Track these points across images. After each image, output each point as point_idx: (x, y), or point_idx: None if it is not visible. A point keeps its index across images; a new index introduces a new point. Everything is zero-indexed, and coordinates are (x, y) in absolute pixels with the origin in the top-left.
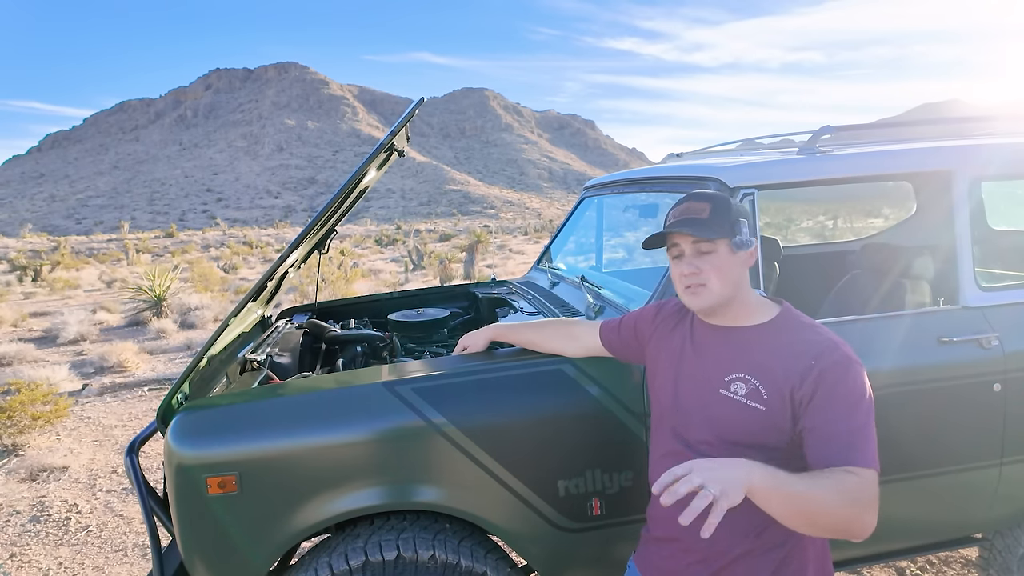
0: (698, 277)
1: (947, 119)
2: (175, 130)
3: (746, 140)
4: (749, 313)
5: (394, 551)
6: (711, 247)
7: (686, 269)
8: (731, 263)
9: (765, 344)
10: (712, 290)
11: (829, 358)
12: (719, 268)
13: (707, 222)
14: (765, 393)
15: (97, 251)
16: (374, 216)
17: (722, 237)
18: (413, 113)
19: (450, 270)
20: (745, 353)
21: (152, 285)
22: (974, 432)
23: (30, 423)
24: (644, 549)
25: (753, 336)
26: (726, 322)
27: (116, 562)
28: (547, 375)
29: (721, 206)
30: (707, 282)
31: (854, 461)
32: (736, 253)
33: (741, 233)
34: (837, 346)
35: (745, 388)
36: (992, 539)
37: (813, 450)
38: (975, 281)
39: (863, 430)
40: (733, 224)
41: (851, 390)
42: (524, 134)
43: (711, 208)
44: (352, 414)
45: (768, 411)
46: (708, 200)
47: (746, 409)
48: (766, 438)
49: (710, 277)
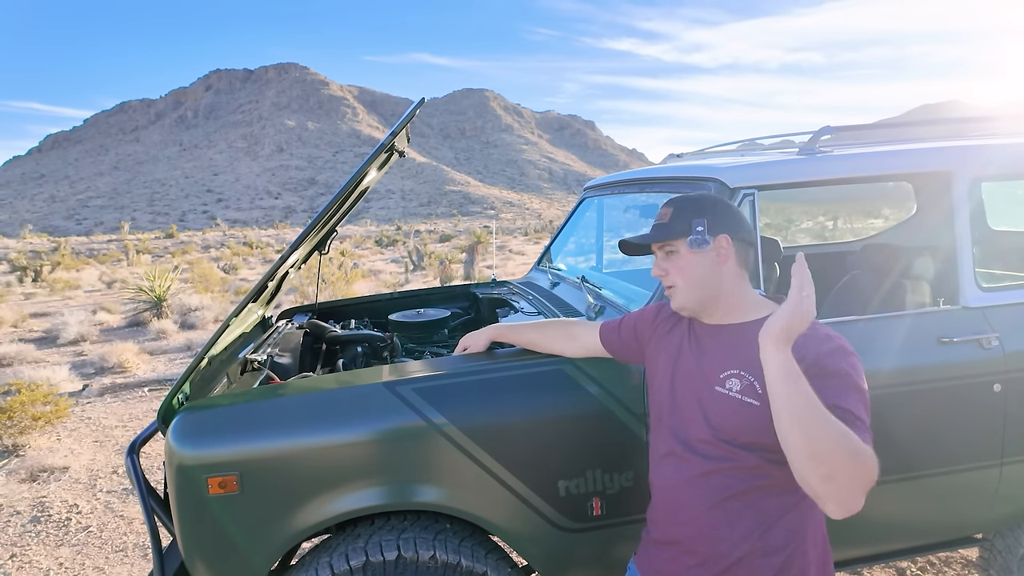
0: (667, 279)
1: (947, 119)
2: (175, 131)
3: (747, 141)
4: (743, 310)
5: (394, 551)
6: (673, 248)
7: (655, 271)
8: (693, 262)
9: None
10: (680, 289)
11: (825, 352)
12: (681, 268)
13: (666, 226)
14: (760, 388)
15: (97, 252)
16: (374, 217)
17: (677, 237)
18: (413, 114)
19: (450, 271)
20: (739, 349)
21: (152, 286)
22: (974, 432)
23: (30, 424)
24: (644, 551)
25: (748, 332)
26: (719, 320)
27: (116, 562)
28: (547, 375)
29: (681, 208)
30: (675, 283)
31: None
32: (696, 251)
33: (695, 232)
34: (832, 340)
35: (740, 384)
36: (992, 539)
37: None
38: (975, 281)
39: (855, 412)
40: (687, 224)
41: (845, 380)
42: (524, 135)
43: (672, 212)
44: (353, 414)
45: (763, 406)
46: (672, 204)
47: (742, 405)
48: (764, 435)
49: (675, 278)
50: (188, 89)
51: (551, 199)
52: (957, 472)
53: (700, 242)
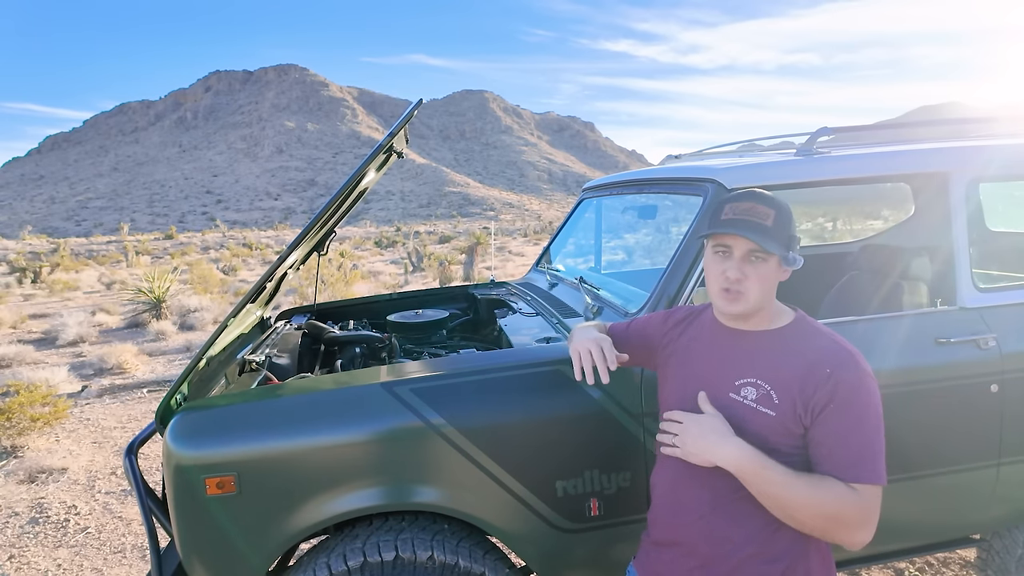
0: (741, 284)
1: (945, 120)
2: (175, 132)
3: (745, 142)
4: (768, 319)
5: (392, 552)
6: (764, 256)
7: (732, 273)
8: (774, 275)
9: (778, 349)
10: (750, 299)
11: (846, 370)
12: (764, 279)
13: (770, 231)
14: (776, 398)
15: (97, 253)
16: (374, 218)
17: (778, 252)
18: (412, 114)
19: (450, 272)
20: (757, 357)
21: (151, 287)
22: (971, 433)
23: (29, 425)
24: (644, 554)
25: (766, 341)
26: (743, 326)
27: (115, 563)
28: (545, 376)
29: (784, 217)
30: (748, 291)
31: (857, 477)
32: (783, 269)
33: (795, 249)
34: (853, 357)
35: (756, 393)
36: (990, 540)
37: (820, 461)
38: (972, 282)
39: (873, 444)
40: (790, 240)
41: (864, 405)
42: (524, 136)
43: (775, 217)
44: (351, 415)
45: (779, 416)
46: (773, 207)
47: (756, 414)
48: (776, 443)
49: (752, 286)
50: (188, 90)
51: (551, 200)
52: (954, 473)
53: (794, 261)
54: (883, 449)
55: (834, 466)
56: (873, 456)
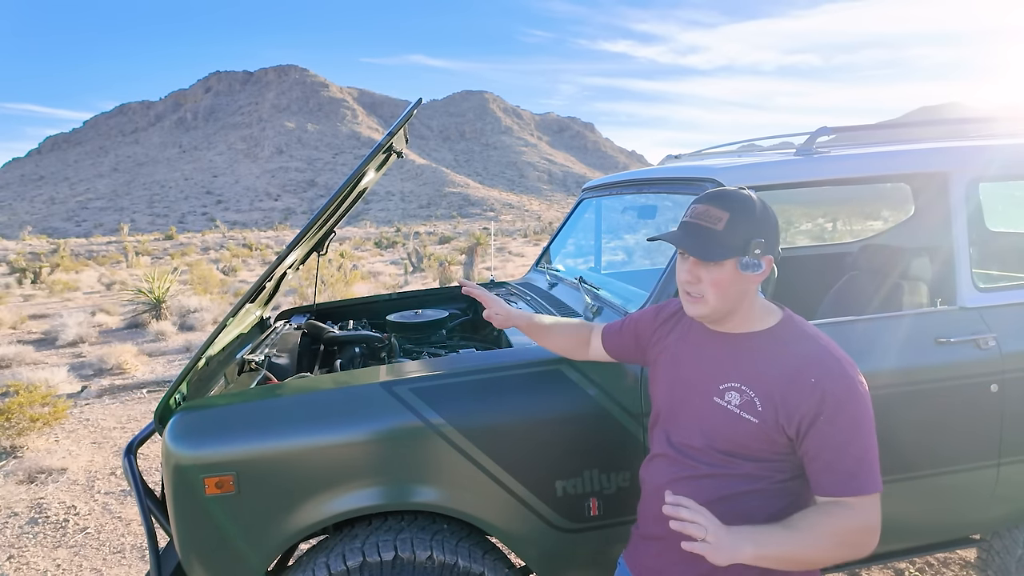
0: (695, 287)
1: (945, 120)
2: (175, 132)
3: (745, 142)
4: (751, 321)
5: (392, 552)
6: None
7: (684, 275)
8: (732, 280)
9: (763, 353)
10: (708, 303)
11: (832, 379)
12: (718, 284)
13: (718, 237)
14: (759, 405)
15: (96, 253)
16: (374, 218)
17: (728, 257)
18: (411, 114)
19: (450, 272)
20: (742, 361)
21: (151, 287)
22: (971, 433)
23: (29, 425)
24: (633, 546)
25: (751, 344)
26: (726, 328)
27: (114, 564)
28: (545, 375)
29: (739, 218)
30: (704, 294)
31: (858, 490)
32: (743, 273)
33: (751, 253)
34: (840, 363)
35: (740, 398)
36: (990, 540)
37: (816, 478)
38: (972, 282)
39: (867, 455)
40: (746, 243)
41: (855, 414)
42: (524, 137)
43: (728, 220)
44: (350, 414)
45: (761, 424)
46: (728, 208)
47: (739, 420)
48: (757, 450)
49: (707, 290)
50: (188, 91)
51: (551, 201)
52: (954, 473)
53: (752, 266)
54: (877, 455)
55: (833, 480)
56: (870, 465)
